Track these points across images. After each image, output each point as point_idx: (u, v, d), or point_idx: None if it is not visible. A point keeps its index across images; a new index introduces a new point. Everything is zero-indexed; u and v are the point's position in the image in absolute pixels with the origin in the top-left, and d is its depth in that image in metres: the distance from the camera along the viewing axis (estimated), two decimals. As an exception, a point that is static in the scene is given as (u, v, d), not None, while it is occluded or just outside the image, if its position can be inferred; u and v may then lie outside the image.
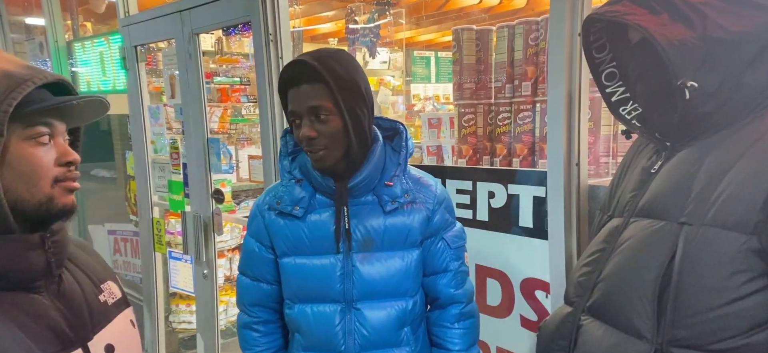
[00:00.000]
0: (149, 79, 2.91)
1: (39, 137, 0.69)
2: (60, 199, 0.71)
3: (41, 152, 0.69)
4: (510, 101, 1.57)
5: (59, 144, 0.72)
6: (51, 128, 0.71)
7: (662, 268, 0.76)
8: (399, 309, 1.10)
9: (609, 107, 0.94)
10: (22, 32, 3.75)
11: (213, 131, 3.22)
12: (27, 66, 0.69)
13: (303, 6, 3.92)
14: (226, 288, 3.28)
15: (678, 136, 0.84)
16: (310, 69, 0.98)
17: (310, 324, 1.10)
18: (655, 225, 0.81)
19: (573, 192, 1.27)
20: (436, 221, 1.12)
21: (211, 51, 3.57)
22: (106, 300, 0.80)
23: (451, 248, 1.14)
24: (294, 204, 1.09)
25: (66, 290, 0.73)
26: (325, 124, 1.00)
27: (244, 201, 3.23)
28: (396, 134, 1.13)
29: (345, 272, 1.07)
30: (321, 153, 1.02)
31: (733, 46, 0.77)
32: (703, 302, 0.73)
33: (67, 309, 0.72)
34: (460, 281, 1.16)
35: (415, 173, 1.15)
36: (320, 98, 0.99)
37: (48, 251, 0.70)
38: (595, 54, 0.93)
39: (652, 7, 0.81)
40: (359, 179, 1.05)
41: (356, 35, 3.95)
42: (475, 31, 1.64)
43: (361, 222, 1.07)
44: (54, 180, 0.71)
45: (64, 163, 0.72)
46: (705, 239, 0.74)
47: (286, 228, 1.10)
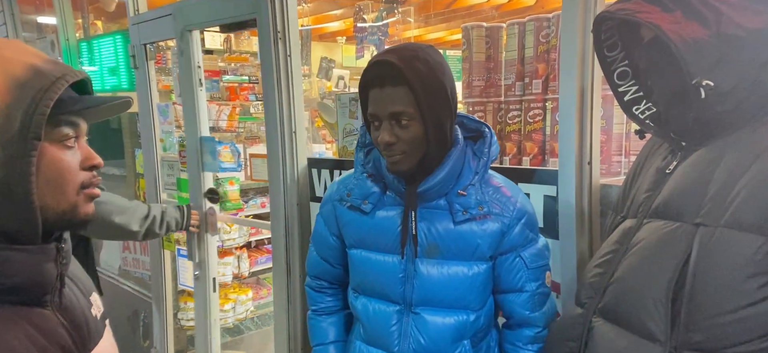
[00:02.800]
0: (158, 78, 2.92)
1: (66, 139, 0.64)
2: (83, 208, 0.66)
3: (68, 156, 0.64)
4: (520, 99, 1.55)
5: (83, 146, 0.67)
6: (76, 127, 0.66)
7: (677, 270, 0.75)
8: (459, 321, 1.05)
9: (622, 107, 0.93)
10: (34, 31, 3.79)
11: (221, 129, 3.23)
12: (52, 61, 0.64)
13: (311, 4, 3.92)
14: (234, 285, 3.28)
15: (693, 135, 0.82)
16: (396, 71, 0.93)
17: (370, 319, 1.10)
18: (670, 226, 0.79)
19: (585, 191, 1.25)
20: (513, 238, 1.04)
21: (219, 49, 3.58)
22: (96, 314, 0.75)
23: (528, 268, 1.06)
24: (364, 199, 1.07)
25: (68, 304, 0.68)
26: (406, 129, 0.96)
27: (253, 199, 3.24)
28: (480, 136, 1.06)
29: (407, 274, 1.05)
30: (398, 158, 0.98)
31: (749, 44, 0.75)
32: (718, 305, 0.72)
33: (70, 324, 0.67)
34: (537, 303, 1.08)
35: (496, 182, 1.07)
36: (404, 103, 0.94)
37: (60, 264, 0.65)
38: (606, 53, 0.92)
39: (664, 5, 0.79)
40: (430, 184, 1.01)
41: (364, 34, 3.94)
42: (485, 28, 1.62)
43: (428, 227, 1.03)
44: (80, 187, 0.66)
45: (88, 167, 0.67)
46: (721, 241, 0.72)
47: (354, 222, 1.10)
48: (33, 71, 0.59)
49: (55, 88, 0.60)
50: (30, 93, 0.58)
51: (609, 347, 0.84)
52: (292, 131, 1.89)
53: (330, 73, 4.87)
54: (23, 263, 0.60)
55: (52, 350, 0.63)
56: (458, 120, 1.06)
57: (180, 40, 2.20)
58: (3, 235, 0.60)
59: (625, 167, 1.39)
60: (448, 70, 0.99)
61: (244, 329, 3.33)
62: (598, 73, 1.24)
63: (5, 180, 0.57)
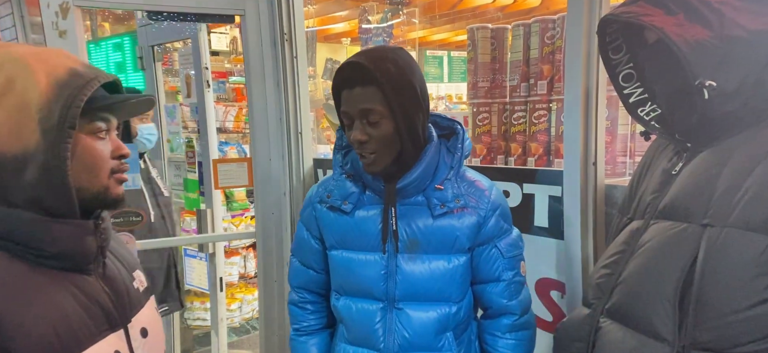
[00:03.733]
0: (165, 79, 2.95)
1: (99, 132, 0.75)
2: (114, 189, 0.77)
3: (101, 146, 0.75)
4: (525, 100, 1.56)
5: (113, 139, 0.78)
6: (108, 122, 0.76)
7: (684, 270, 0.75)
8: (441, 314, 1.07)
9: (627, 109, 0.93)
10: (43, 33, 3.82)
11: (228, 130, 3.25)
12: (89, 65, 0.75)
13: (316, 6, 3.94)
14: (240, 285, 3.30)
15: (698, 137, 0.83)
16: (365, 71, 0.97)
17: (353, 319, 1.10)
18: (677, 227, 0.79)
19: (590, 192, 1.25)
20: (489, 228, 1.08)
21: (226, 51, 3.61)
22: (138, 287, 0.85)
23: (504, 258, 1.09)
24: (343, 199, 1.09)
25: (110, 274, 0.79)
26: (377, 127, 0.99)
27: (258, 200, 3.25)
28: (453, 133, 1.10)
29: (389, 271, 1.07)
30: (372, 157, 1.01)
31: (752, 45, 0.76)
32: (726, 305, 0.72)
33: (112, 291, 0.77)
34: (514, 291, 1.11)
35: (470, 176, 1.11)
36: (372, 101, 0.97)
37: (99, 237, 0.75)
38: (611, 55, 0.92)
39: (667, 7, 0.80)
40: (408, 180, 1.04)
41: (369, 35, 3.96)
42: (490, 29, 1.63)
43: (408, 223, 1.06)
44: (111, 172, 0.76)
45: (117, 156, 0.77)
46: (728, 240, 0.72)
47: (335, 222, 1.11)
48: (72, 73, 0.70)
49: (89, 86, 0.70)
50: (68, 91, 0.68)
51: (617, 347, 0.84)
52: (298, 132, 1.90)
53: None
54: (65, 233, 0.71)
55: (94, 309, 0.73)
56: (432, 119, 1.09)
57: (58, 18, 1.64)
58: (46, 210, 0.69)
59: (630, 168, 1.39)
60: (417, 70, 1.03)
61: (250, 328, 3.35)
62: (603, 75, 1.24)
63: (46, 164, 0.67)
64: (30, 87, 0.67)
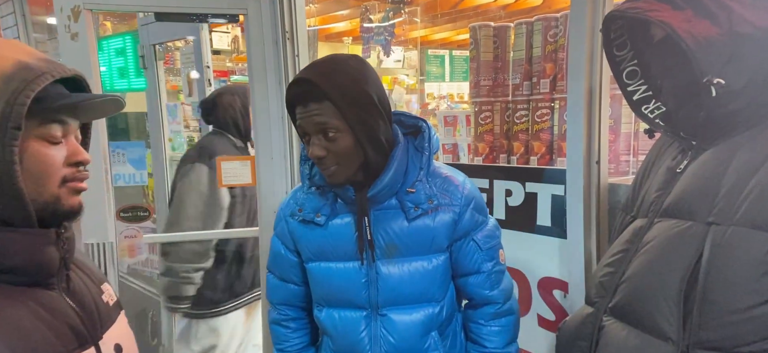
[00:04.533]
0: (167, 78, 2.95)
1: (52, 137, 0.67)
2: (67, 200, 0.69)
3: (53, 152, 0.67)
4: (528, 99, 1.55)
5: (71, 143, 0.70)
6: (65, 126, 0.68)
7: (689, 269, 0.75)
8: (425, 315, 1.07)
9: (631, 106, 0.92)
10: (45, 32, 3.83)
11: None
12: (45, 59, 0.67)
13: (318, 5, 3.94)
14: (241, 284, 3.29)
15: (704, 134, 0.82)
16: (314, 87, 0.95)
17: (337, 329, 1.09)
18: (682, 226, 0.79)
19: (593, 191, 1.25)
20: (465, 223, 1.08)
21: (227, 50, 3.61)
22: (108, 301, 0.79)
23: (482, 250, 1.09)
24: (316, 212, 1.08)
25: (76, 288, 0.72)
26: (334, 142, 0.97)
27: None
28: (419, 131, 1.08)
29: (369, 279, 1.06)
30: (332, 169, 0.99)
31: (761, 42, 0.75)
32: (731, 304, 0.71)
33: (79, 307, 0.71)
34: (494, 281, 1.12)
35: (442, 171, 1.10)
36: (327, 115, 0.95)
37: (62, 248, 0.69)
38: (615, 52, 0.91)
39: (675, 3, 0.79)
40: (379, 187, 1.02)
41: (371, 34, 3.96)
42: (492, 28, 1.62)
43: (384, 229, 1.05)
44: (62, 180, 0.68)
45: (73, 163, 0.69)
46: (733, 239, 0.72)
47: (310, 235, 1.09)
48: (19, 66, 0.63)
49: (38, 81, 0.63)
50: (12, 86, 0.61)
51: (620, 346, 0.83)
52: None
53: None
54: (21, 244, 0.64)
55: (61, 327, 0.66)
56: (396, 119, 1.07)
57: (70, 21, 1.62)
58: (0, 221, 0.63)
59: (634, 167, 1.39)
60: (372, 76, 1.00)
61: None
62: (607, 72, 1.23)
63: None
64: None
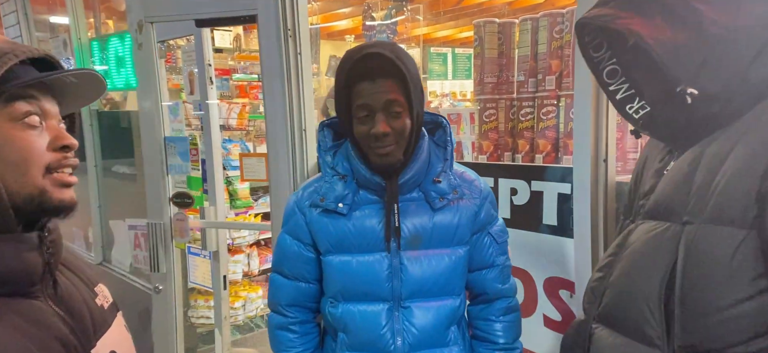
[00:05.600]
0: (168, 76, 2.94)
1: (25, 118, 0.60)
2: (54, 193, 0.62)
3: (32, 136, 0.60)
4: (533, 96, 1.53)
5: (52, 127, 0.63)
6: (39, 106, 0.62)
7: (667, 271, 0.73)
8: (449, 308, 1.07)
9: (615, 106, 0.89)
10: (47, 30, 3.83)
11: (232, 128, 3.24)
12: (10, 41, 0.62)
13: (320, 2, 3.92)
14: (243, 283, 3.30)
15: (687, 137, 0.79)
16: (389, 63, 0.95)
17: (358, 324, 1.06)
18: (660, 227, 0.77)
19: (600, 189, 1.23)
20: (483, 217, 1.10)
21: (229, 48, 3.60)
22: (102, 304, 0.73)
23: (497, 243, 1.12)
24: (338, 201, 1.06)
25: (64, 294, 0.66)
26: (398, 119, 0.98)
27: (263, 197, 3.24)
28: (438, 127, 1.11)
29: (393, 270, 1.04)
30: (390, 149, 0.99)
31: (733, 43, 0.72)
32: (707, 305, 0.69)
33: (68, 314, 0.65)
34: (506, 275, 1.15)
35: (457, 168, 1.12)
36: (397, 93, 0.97)
37: (46, 252, 0.62)
38: (592, 53, 0.88)
39: (642, 10, 0.76)
40: (409, 176, 1.03)
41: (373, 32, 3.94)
42: (497, 24, 1.60)
43: (409, 219, 1.05)
44: (46, 169, 0.61)
45: (58, 148, 0.62)
46: (704, 237, 0.70)
47: (331, 226, 1.07)
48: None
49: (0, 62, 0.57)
50: None
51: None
52: (302, 129, 1.88)
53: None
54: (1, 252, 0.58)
55: (47, 339, 0.60)
56: None
57: (137, 34, 1.95)
58: None
59: (641, 165, 1.37)
60: None
61: (254, 326, 3.34)
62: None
63: None
64: None
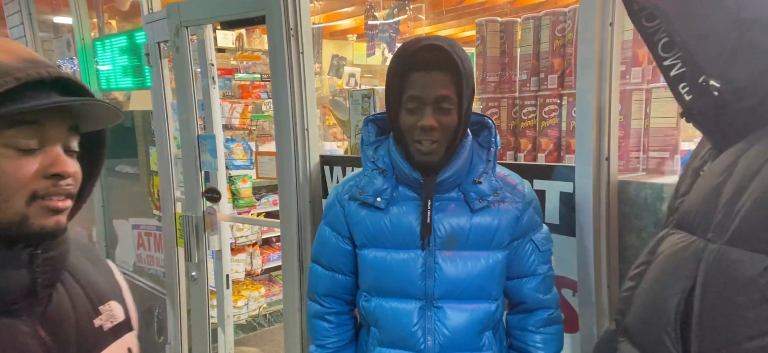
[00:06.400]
0: (171, 76, 2.94)
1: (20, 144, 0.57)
2: (37, 220, 0.59)
3: (20, 163, 0.57)
4: (535, 95, 1.53)
5: (51, 153, 0.60)
6: (42, 132, 0.59)
7: (684, 293, 0.67)
8: (483, 312, 1.05)
9: (668, 83, 0.80)
10: (50, 31, 3.84)
11: (234, 127, 3.25)
12: (30, 59, 0.59)
13: (322, 2, 3.92)
14: (246, 282, 3.31)
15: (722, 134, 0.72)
16: (446, 56, 0.95)
17: (389, 320, 1.06)
18: (685, 241, 0.71)
19: (603, 188, 1.23)
20: (526, 222, 1.07)
21: (232, 47, 3.60)
22: (102, 325, 0.68)
23: (540, 251, 1.08)
24: (377, 195, 1.06)
25: (54, 313, 0.63)
26: (447, 115, 0.97)
27: (265, 197, 3.25)
28: (483, 128, 1.08)
29: (427, 268, 1.03)
30: (434, 145, 0.98)
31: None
32: (726, 335, 0.63)
33: (50, 335, 0.61)
34: (548, 285, 1.10)
35: (499, 172, 1.09)
36: (449, 88, 0.96)
37: (36, 271, 0.60)
38: (645, 23, 0.79)
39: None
40: (448, 174, 1.02)
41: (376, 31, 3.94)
42: (499, 23, 1.60)
43: (446, 219, 1.03)
44: (30, 196, 0.58)
45: (49, 176, 0.59)
46: (725, 260, 0.63)
47: (368, 219, 1.07)
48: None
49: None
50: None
51: None
52: (304, 128, 1.89)
53: (341, 70, 4.87)
54: None
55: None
56: None
57: (175, 38, 2.15)
58: None
59: (644, 163, 1.37)
60: None
61: (256, 325, 3.35)
62: (617, 67, 1.21)
63: None
64: None
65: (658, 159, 1.33)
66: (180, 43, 2.12)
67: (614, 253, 1.27)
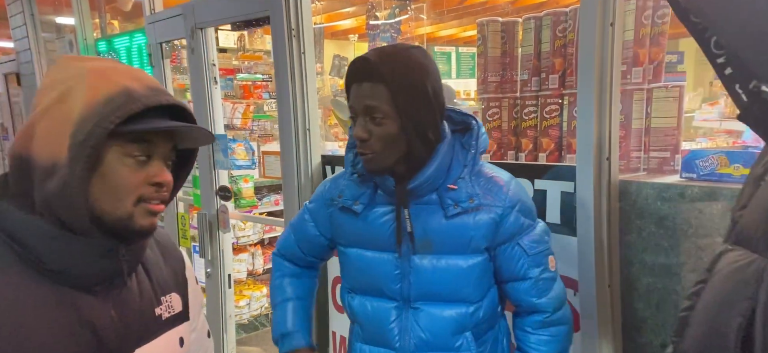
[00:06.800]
0: (173, 76, 2.95)
1: (133, 156, 0.70)
2: (139, 219, 0.71)
3: (133, 170, 0.70)
4: (536, 95, 1.53)
5: (156, 165, 0.72)
6: (149, 147, 0.71)
7: (746, 315, 0.63)
8: (458, 314, 1.05)
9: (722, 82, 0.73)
10: (53, 31, 3.86)
11: (236, 127, 3.25)
12: (154, 88, 0.71)
13: (324, 2, 3.93)
14: (248, 282, 3.31)
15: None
16: (372, 67, 0.96)
17: (368, 317, 1.10)
18: (744, 259, 0.65)
19: (603, 188, 1.23)
20: (509, 226, 1.04)
21: (233, 48, 3.61)
22: (161, 314, 0.79)
23: (528, 256, 1.05)
24: (355, 199, 1.08)
25: (124, 299, 0.74)
26: (380, 126, 0.97)
27: (267, 197, 3.26)
28: (468, 128, 1.06)
29: (403, 271, 1.05)
30: (370, 156, 0.99)
31: None
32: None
33: (119, 317, 0.72)
34: (542, 288, 1.06)
35: (487, 171, 1.06)
36: (378, 99, 0.95)
37: (122, 259, 0.71)
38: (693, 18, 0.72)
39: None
40: (419, 181, 1.01)
41: (377, 31, 3.93)
42: (500, 23, 1.60)
43: (421, 223, 1.04)
44: (138, 199, 0.70)
45: (153, 183, 0.71)
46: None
47: (347, 223, 1.10)
48: (123, 92, 0.67)
49: (127, 107, 0.67)
50: (107, 109, 0.66)
51: None
52: (306, 128, 1.89)
53: (342, 71, 4.87)
54: (69, 250, 0.68)
55: (85, 335, 0.69)
56: (446, 114, 1.05)
57: (191, 39, 2.21)
58: (64, 225, 0.67)
59: (645, 163, 1.37)
60: (432, 71, 0.99)
61: (258, 325, 3.36)
62: (618, 67, 1.21)
63: (65, 178, 0.65)
64: (78, 100, 0.66)
65: (659, 159, 1.33)
66: (195, 45, 2.18)
67: (615, 253, 1.27)
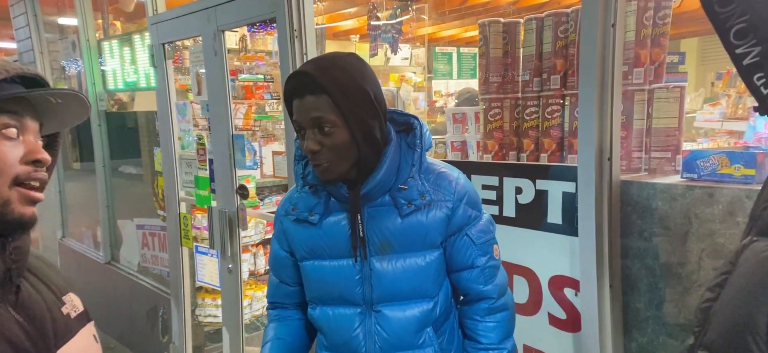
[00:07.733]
0: (176, 77, 2.96)
1: (3, 129, 0.62)
2: (17, 207, 0.63)
3: (6, 146, 0.62)
4: (538, 95, 1.54)
5: (29, 142, 0.65)
6: (19, 121, 0.64)
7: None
8: (420, 311, 1.08)
9: (740, 73, 0.75)
10: (56, 32, 3.87)
11: (238, 128, 3.26)
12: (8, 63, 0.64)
13: (326, 3, 3.93)
14: (250, 282, 3.32)
15: None
16: (312, 80, 0.96)
17: (332, 326, 1.10)
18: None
19: (605, 188, 1.23)
20: (458, 218, 1.08)
21: (235, 48, 3.61)
22: (69, 313, 0.74)
23: (476, 245, 1.09)
24: (309, 210, 1.09)
25: (25, 300, 0.67)
26: (330, 136, 0.97)
27: (268, 197, 3.26)
28: (411, 129, 1.08)
29: (363, 275, 1.07)
30: (325, 166, 1.00)
31: None
32: None
33: (27, 320, 0.66)
34: (488, 276, 1.12)
35: (436, 168, 1.10)
36: (324, 110, 0.96)
37: (8, 258, 0.64)
38: (717, 8, 0.73)
39: None
40: (371, 185, 1.03)
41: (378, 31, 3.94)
42: (502, 24, 1.61)
43: (377, 226, 1.05)
44: (14, 180, 0.63)
45: (30, 161, 0.64)
46: None
47: (304, 234, 1.10)
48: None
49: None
50: None
51: None
52: (308, 129, 1.90)
53: (344, 71, 4.87)
54: None
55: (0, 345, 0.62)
56: (389, 116, 1.06)
57: (213, 42, 2.22)
58: None
59: (646, 163, 1.37)
60: (369, 74, 1.01)
61: (260, 325, 3.36)
62: (619, 68, 1.22)
63: None
64: None
65: (660, 159, 1.34)
66: (218, 47, 2.20)
67: (616, 253, 1.28)
